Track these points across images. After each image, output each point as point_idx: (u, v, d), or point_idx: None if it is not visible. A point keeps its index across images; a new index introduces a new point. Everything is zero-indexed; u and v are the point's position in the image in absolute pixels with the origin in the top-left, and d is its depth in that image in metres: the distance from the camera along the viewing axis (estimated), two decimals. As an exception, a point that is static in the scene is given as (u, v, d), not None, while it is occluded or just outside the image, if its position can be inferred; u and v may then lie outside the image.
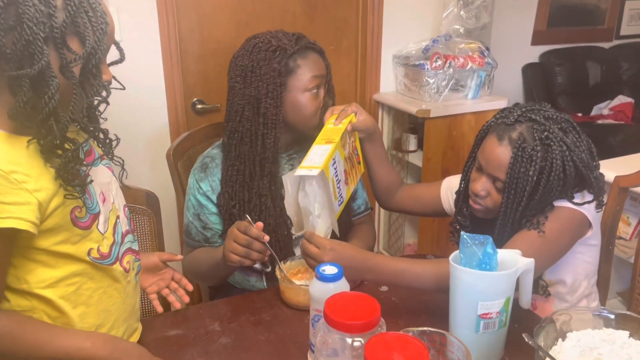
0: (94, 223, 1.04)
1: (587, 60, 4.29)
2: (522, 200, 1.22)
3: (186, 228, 1.50)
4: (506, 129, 1.23)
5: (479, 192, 1.29)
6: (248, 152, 1.41)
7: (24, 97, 0.88)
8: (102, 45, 0.94)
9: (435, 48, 2.56)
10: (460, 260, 1.08)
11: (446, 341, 0.94)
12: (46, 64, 0.87)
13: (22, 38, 0.85)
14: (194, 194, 1.47)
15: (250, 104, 1.39)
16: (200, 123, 2.13)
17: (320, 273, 1.04)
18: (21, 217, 0.91)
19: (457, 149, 2.62)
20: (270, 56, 1.37)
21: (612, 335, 0.99)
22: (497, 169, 1.24)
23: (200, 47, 2.32)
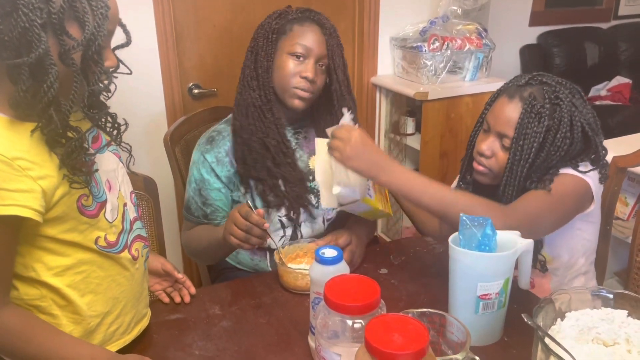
0: (101, 211, 1.03)
1: (585, 41, 4.27)
2: (528, 158, 1.23)
3: (187, 203, 1.51)
4: (517, 89, 1.27)
5: (485, 152, 1.29)
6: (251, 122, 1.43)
7: (24, 85, 0.86)
8: (103, 30, 0.91)
9: (432, 30, 2.54)
10: (460, 241, 1.08)
11: (446, 322, 0.95)
12: (44, 52, 0.85)
13: (18, 25, 0.83)
14: (198, 167, 1.47)
15: (250, 60, 1.45)
16: (197, 108, 2.12)
17: (320, 256, 1.04)
18: (25, 204, 0.90)
19: (455, 131, 2.62)
20: (272, 17, 1.45)
21: (610, 314, 1.00)
22: (506, 125, 1.25)
23: (196, 30, 2.30)
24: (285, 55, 1.42)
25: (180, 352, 1.11)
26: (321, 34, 1.43)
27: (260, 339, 1.14)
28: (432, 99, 2.49)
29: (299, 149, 1.53)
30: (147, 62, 2.17)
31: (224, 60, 2.38)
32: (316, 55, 1.42)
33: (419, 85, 2.53)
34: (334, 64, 1.44)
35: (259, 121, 1.43)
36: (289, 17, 1.44)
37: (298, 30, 1.42)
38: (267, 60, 1.42)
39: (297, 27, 1.43)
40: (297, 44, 1.40)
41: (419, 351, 0.73)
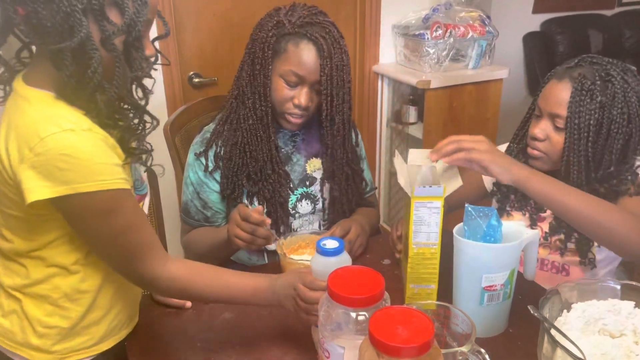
0: (141, 203, 1.07)
1: (588, 28, 4.23)
2: (588, 137, 1.21)
3: (184, 206, 1.47)
4: (566, 71, 1.26)
5: (537, 135, 1.28)
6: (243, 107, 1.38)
7: (67, 70, 0.87)
8: (143, 16, 0.91)
9: (435, 17, 2.51)
10: (464, 232, 1.06)
11: (450, 314, 0.94)
12: (86, 36, 0.86)
13: (60, 10, 0.84)
14: (195, 170, 1.43)
15: (247, 64, 1.38)
16: (197, 97, 2.10)
17: (321, 247, 1.03)
18: (126, 178, 0.94)
19: (458, 120, 2.60)
20: (269, 26, 1.34)
21: (617, 305, 0.99)
22: (556, 105, 1.24)
23: (196, 19, 2.27)
24: (278, 77, 1.35)
25: (182, 344, 1.10)
26: (316, 58, 1.31)
27: (262, 331, 1.13)
28: (435, 88, 2.46)
29: (297, 153, 1.49)
30: (146, 51, 2.15)
31: (224, 49, 2.36)
32: (310, 81, 1.34)
33: (422, 74, 2.50)
34: (329, 87, 1.34)
35: (246, 132, 1.38)
36: (284, 31, 1.32)
37: (292, 53, 1.32)
38: (263, 75, 1.34)
39: (291, 47, 1.32)
40: (290, 71, 1.32)
41: (424, 344, 0.72)
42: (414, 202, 1.09)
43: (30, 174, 0.86)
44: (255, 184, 1.41)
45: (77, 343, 1.06)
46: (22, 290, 1.02)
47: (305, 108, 1.36)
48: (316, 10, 1.38)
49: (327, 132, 1.41)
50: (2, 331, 1.04)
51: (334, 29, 1.35)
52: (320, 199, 1.50)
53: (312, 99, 1.37)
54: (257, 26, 1.38)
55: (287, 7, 1.38)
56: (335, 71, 1.33)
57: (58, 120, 0.88)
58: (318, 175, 1.50)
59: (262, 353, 1.08)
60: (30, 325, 1.02)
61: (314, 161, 1.50)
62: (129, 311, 1.14)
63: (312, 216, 1.50)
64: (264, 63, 1.34)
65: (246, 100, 1.37)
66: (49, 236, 0.97)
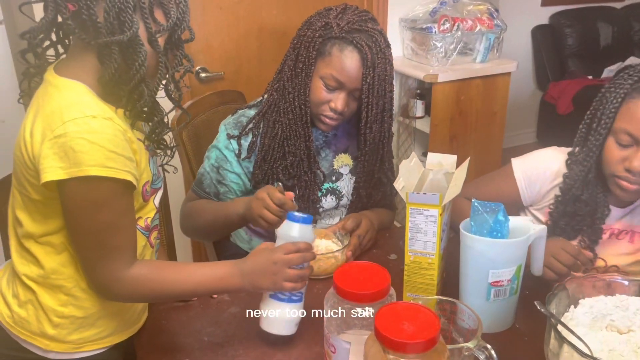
0: (152, 196, 1.09)
1: (598, 21, 4.20)
2: None
3: (199, 177, 1.47)
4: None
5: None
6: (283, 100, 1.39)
7: (115, 64, 0.92)
8: (187, 17, 0.99)
9: (443, 10, 2.50)
10: (471, 228, 1.06)
11: (457, 309, 0.94)
12: (135, 32, 0.91)
13: (114, 6, 0.89)
14: (222, 147, 1.43)
15: (290, 58, 1.39)
16: (204, 91, 2.09)
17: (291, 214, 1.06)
18: (134, 173, 0.96)
19: (465, 114, 2.59)
20: (317, 27, 1.34)
21: (625, 301, 0.98)
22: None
23: (203, 13, 2.27)
24: (318, 78, 1.35)
25: (189, 338, 1.11)
26: (359, 67, 1.31)
27: (269, 326, 1.13)
28: (442, 82, 2.45)
29: (326, 148, 1.49)
30: (153, 46, 2.15)
31: (230, 44, 2.35)
32: (350, 88, 1.34)
33: (429, 68, 2.49)
34: (369, 96, 1.34)
35: (285, 126, 1.39)
36: (332, 34, 1.31)
37: (336, 58, 1.31)
38: (305, 75, 1.35)
39: (336, 52, 1.31)
40: (331, 76, 1.32)
41: (430, 340, 0.72)
42: (409, 208, 1.08)
43: (49, 154, 0.89)
44: (291, 178, 1.41)
45: (92, 334, 1.07)
46: (37, 280, 1.03)
47: (340, 113, 1.36)
48: (367, 17, 1.37)
49: (366, 139, 1.40)
50: (17, 320, 1.05)
51: (381, 38, 1.33)
52: (345, 195, 1.50)
53: (349, 105, 1.37)
54: (305, 23, 1.38)
55: (338, 9, 1.37)
56: (377, 81, 1.33)
57: (82, 107, 0.91)
58: (344, 172, 1.50)
59: (268, 347, 1.08)
60: (46, 315, 1.03)
61: (342, 157, 1.50)
62: (142, 305, 1.15)
63: (334, 211, 1.51)
64: (307, 62, 1.34)
65: (287, 95, 1.38)
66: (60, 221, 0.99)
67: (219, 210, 1.38)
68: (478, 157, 2.68)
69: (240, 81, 2.36)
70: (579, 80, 3.88)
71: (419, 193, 1.06)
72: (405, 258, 1.12)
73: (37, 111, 0.93)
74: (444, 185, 1.18)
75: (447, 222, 1.15)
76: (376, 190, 1.49)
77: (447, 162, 1.22)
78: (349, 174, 1.50)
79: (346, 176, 1.50)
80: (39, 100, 0.95)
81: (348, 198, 1.50)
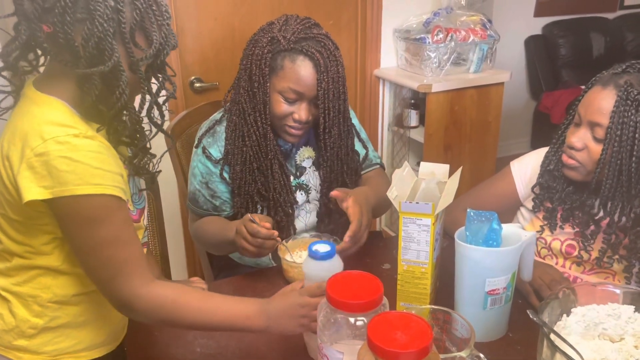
0: (141, 217, 1.08)
1: (590, 32, 4.23)
2: (632, 151, 1.14)
3: (192, 196, 1.47)
4: (612, 77, 1.19)
5: (575, 144, 1.21)
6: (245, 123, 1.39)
7: (95, 91, 0.90)
8: (170, 40, 0.95)
9: (436, 21, 2.51)
10: (466, 237, 1.06)
11: (450, 319, 0.94)
12: (117, 60, 0.89)
13: (93, 35, 0.86)
14: (203, 160, 1.44)
15: (243, 78, 1.38)
16: (198, 101, 2.10)
17: (313, 252, 1.03)
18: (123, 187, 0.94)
19: (459, 124, 2.60)
20: (264, 43, 1.33)
21: (617, 310, 0.99)
22: (598, 113, 1.17)
23: (197, 24, 2.28)
24: (276, 93, 1.35)
25: (182, 349, 1.11)
26: (313, 72, 1.32)
27: (261, 336, 1.13)
28: (436, 92, 2.46)
29: (293, 147, 1.49)
30: (148, 56, 2.16)
31: (225, 54, 2.37)
32: (309, 97, 1.35)
33: (423, 78, 2.51)
34: (326, 100, 1.35)
35: (253, 149, 1.39)
36: (280, 48, 1.32)
37: (289, 70, 1.32)
38: (263, 94, 1.34)
39: (288, 63, 1.32)
40: (289, 88, 1.32)
41: (422, 349, 0.72)
42: (402, 217, 1.08)
43: (28, 174, 0.87)
44: (265, 199, 1.42)
45: (68, 345, 1.05)
46: (11, 290, 1.01)
47: (305, 122, 1.37)
48: (309, 23, 1.37)
49: (326, 144, 1.41)
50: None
51: (329, 42, 1.35)
52: (313, 188, 1.50)
53: (312, 113, 1.38)
54: (250, 42, 1.38)
55: (280, 22, 1.37)
56: (332, 84, 1.34)
57: (63, 124, 0.89)
58: (307, 165, 1.50)
59: (260, 358, 1.08)
60: (19, 326, 1.02)
61: (304, 150, 1.50)
62: (123, 321, 1.14)
63: (308, 205, 1.51)
64: (262, 81, 1.34)
65: (247, 117, 1.38)
66: (41, 239, 0.97)
67: (219, 235, 1.38)
68: (473, 166, 2.69)
69: (235, 91, 2.37)
70: (572, 90, 3.91)
71: (412, 202, 1.06)
72: (399, 267, 1.12)
73: (15, 127, 0.91)
74: (437, 195, 1.18)
75: (440, 231, 1.15)
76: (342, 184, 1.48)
77: (440, 172, 1.22)
78: (312, 166, 1.51)
79: (309, 169, 1.51)
80: (17, 115, 0.93)
81: (316, 190, 1.51)
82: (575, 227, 1.30)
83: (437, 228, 1.10)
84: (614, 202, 1.20)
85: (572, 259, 1.32)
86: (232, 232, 1.30)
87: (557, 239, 1.33)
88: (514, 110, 4.12)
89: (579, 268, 1.33)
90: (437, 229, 1.11)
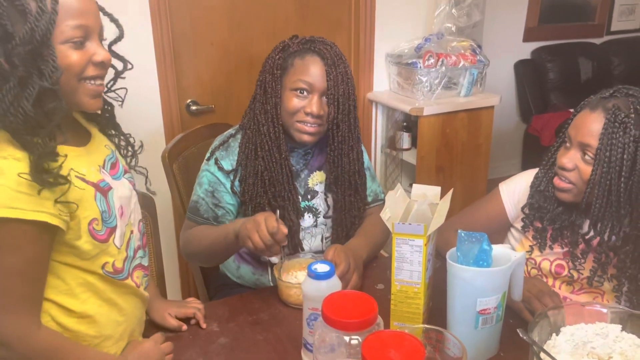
0: (111, 237, 1.04)
1: (578, 56, 4.32)
2: (621, 172, 1.18)
3: (194, 205, 1.49)
4: (600, 101, 1.24)
5: (566, 165, 1.25)
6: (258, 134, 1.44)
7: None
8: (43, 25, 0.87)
9: (427, 46, 2.57)
10: (457, 258, 1.09)
11: (442, 338, 0.96)
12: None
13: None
14: (213, 170, 1.47)
15: (259, 94, 1.46)
16: (194, 124, 2.13)
17: (312, 271, 1.05)
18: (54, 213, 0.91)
19: (451, 146, 2.64)
20: (276, 51, 1.45)
21: (604, 329, 1.01)
22: (588, 135, 1.22)
23: (194, 48, 2.32)
24: (289, 91, 1.42)
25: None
26: (322, 66, 1.40)
27: (257, 356, 1.14)
28: (428, 115, 2.51)
29: (305, 169, 1.53)
30: (145, 80, 2.19)
31: (221, 77, 2.41)
32: (319, 89, 1.41)
33: (415, 101, 2.56)
34: (336, 94, 1.41)
35: (265, 160, 1.44)
36: (290, 51, 1.43)
37: (299, 65, 1.41)
38: (274, 96, 1.42)
39: (298, 61, 1.42)
40: (299, 80, 1.40)
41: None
42: (395, 238, 1.11)
43: None
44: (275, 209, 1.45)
45: None
46: None
47: (317, 116, 1.42)
48: (318, 37, 1.47)
49: (334, 138, 1.46)
50: None
51: (335, 47, 1.45)
52: (322, 211, 1.54)
53: (324, 108, 1.43)
54: (265, 59, 1.47)
55: (291, 37, 1.49)
56: (341, 80, 1.42)
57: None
58: (319, 189, 1.54)
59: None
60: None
61: (317, 174, 1.55)
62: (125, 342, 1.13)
63: (314, 229, 1.54)
64: (274, 84, 1.42)
65: (261, 127, 1.44)
66: None
67: (219, 231, 1.39)
68: (464, 187, 2.73)
69: (231, 114, 2.41)
70: (561, 113, 3.98)
71: (405, 223, 1.09)
72: (392, 287, 1.14)
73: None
74: (429, 216, 1.21)
75: (432, 252, 1.18)
76: (351, 195, 1.52)
77: (432, 194, 1.26)
78: (324, 190, 1.54)
79: (321, 193, 1.54)
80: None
81: (325, 215, 1.54)
82: (565, 247, 1.33)
83: (430, 248, 1.13)
84: (604, 221, 1.24)
85: (561, 278, 1.35)
86: (233, 227, 1.31)
87: (546, 259, 1.36)
88: (505, 133, 4.19)
89: (568, 287, 1.36)
90: (430, 250, 1.13)
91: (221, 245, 1.38)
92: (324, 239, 1.55)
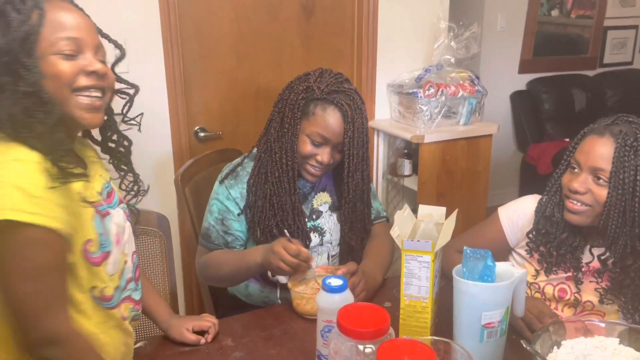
0: (104, 262, 1.03)
1: (572, 87, 4.43)
2: (633, 195, 1.23)
3: (205, 232, 1.57)
4: (606, 127, 1.30)
5: (578, 189, 1.28)
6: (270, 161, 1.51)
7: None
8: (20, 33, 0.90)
9: (427, 77, 2.66)
10: (463, 273, 1.15)
11: (450, 349, 1.00)
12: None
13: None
14: (222, 199, 1.54)
15: (276, 122, 1.51)
16: (202, 150, 2.20)
17: (326, 285, 1.11)
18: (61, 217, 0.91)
19: (451, 173, 2.71)
20: (299, 90, 1.48)
21: (603, 342, 1.06)
22: (599, 159, 1.26)
23: (203, 77, 2.41)
24: (305, 136, 1.48)
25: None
26: (341, 123, 1.45)
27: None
28: (428, 142, 2.58)
29: (312, 192, 1.61)
30: (156, 107, 2.26)
31: (228, 105, 2.48)
32: (334, 143, 1.48)
33: (415, 129, 2.63)
34: (350, 147, 1.48)
35: (275, 185, 1.51)
36: (314, 96, 1.46)
37: (320, 117, 1.45)
38: (291, 134, 1.47)
39: (319, 111, 1.46)
40: (317, 133, 1.46)
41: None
42: (404, 255, 1.17)
43: None
44: (282, 233, 1.51)
45: None
46: None
47: (327, 165, 1.50)
48: (342, 79, 1.52)
49: (349, 187, 1.54)
50: None
51: (357, 96, 1.50)
52: (327, 231, 1.60)
53: (333, 157, 1.51)
54: (287, 88, 1.52)
55: (316, 74, 1.52)
56: (357, 134, 1.48)
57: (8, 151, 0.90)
58: (324, 209, 1.62)
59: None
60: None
61: (321, 195, 1.62)
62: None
63: (320, 247, 1.60)
64: (293, 123, 1.47)
65: (274, 155, 1.50)
66: None
67: (239, 261, 1.48)
68: (464, 213, 2.78)
69: (238, 140, 2.48)
70: (557, 142, 4.07)
71: (413, 240, 1.15)
72: (401, 302, 1.20)
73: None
74: (435, 235, 1.27)
75: (439, 269, 1.24)
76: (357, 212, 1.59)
77: (437, 214, 1.32)
78: (329, 210, 1.62)
79: (326, 213, 1.62)
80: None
81: (330, 234, 1.61)
82: (567, 272, 1.38)
83: (437, 265, 1.19)
84: (618, 242, 1.28)
85: (564, 301, 1.40)
86: (254, 256, 1.41)
87: (550, 283, 1.41)
88: (502, 162, 4.27)
89: (570, 310, 1.41)
90: (437, 266, 1.19)
91: (243, 273, 1.50)
92: (330, 257, 1.61)
